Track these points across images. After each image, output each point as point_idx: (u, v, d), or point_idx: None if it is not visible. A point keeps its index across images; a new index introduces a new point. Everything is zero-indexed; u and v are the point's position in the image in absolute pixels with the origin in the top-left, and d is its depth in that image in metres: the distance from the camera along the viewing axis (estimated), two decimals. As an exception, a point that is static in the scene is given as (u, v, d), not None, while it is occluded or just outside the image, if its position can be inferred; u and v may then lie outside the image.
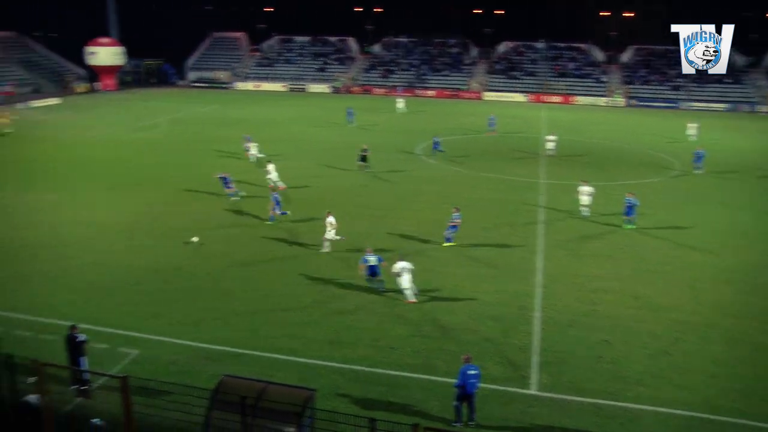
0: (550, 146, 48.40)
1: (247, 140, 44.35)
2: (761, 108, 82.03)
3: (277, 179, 35.85)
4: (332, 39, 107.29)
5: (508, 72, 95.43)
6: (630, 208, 30.84)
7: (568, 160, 47.30)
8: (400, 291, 22.61)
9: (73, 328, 16.41)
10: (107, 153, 47.91)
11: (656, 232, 30.80)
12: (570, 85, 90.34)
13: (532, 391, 17.21)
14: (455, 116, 71.22)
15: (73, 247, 27.26)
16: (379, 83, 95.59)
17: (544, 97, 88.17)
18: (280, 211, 30.73)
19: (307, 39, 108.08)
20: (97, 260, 25.80)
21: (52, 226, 30.10)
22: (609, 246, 28.95)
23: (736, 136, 62.15)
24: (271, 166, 36.41)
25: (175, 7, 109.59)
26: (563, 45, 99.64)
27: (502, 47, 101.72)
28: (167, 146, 50.67)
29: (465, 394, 15.42)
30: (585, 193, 32.68)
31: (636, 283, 24.67)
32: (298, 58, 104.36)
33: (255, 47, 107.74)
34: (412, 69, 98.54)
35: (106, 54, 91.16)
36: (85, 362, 16.15)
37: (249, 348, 18.99)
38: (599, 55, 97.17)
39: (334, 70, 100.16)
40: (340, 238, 27.27)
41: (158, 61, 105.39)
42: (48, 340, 18.64)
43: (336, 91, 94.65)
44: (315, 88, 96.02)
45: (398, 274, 22.47)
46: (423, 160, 46.59)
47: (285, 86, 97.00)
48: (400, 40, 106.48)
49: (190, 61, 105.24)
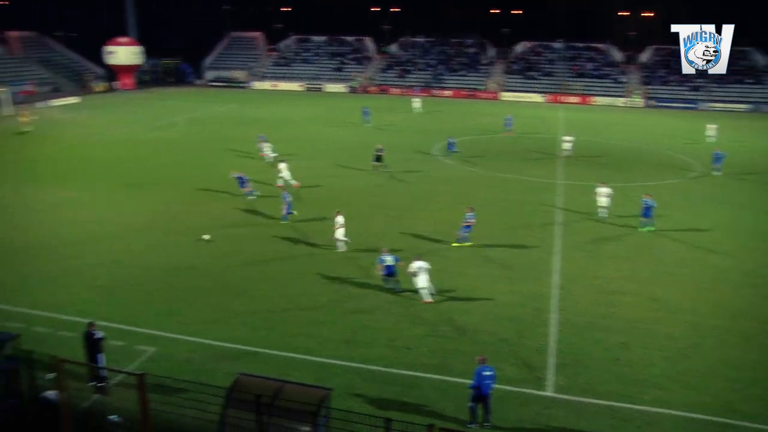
0: (567, 147, 48.13)
1: (262, 140, 44.50)
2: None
3: (289, 178, 36.03)
4: (349, 39, 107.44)
5: (526, 72, 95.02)
6: (647, 209, 30.56)
7: (586, 161, 46.99)
8: (416, 291, 22.60)
9: (90, 325, 16.56)
10: (125, 152, 48.29)
11: (674, 234, 30.51)
12: (588, 86, 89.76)
13: (548, 393, 17.11)
14: (472, 116, 71.01)
15: (91, 245, 27.50)
16: (396, 83, 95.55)
17: (562, 98, 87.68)
18: (287, 210, 30.88)
19: (324, 39, 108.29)
20: (115, 258, 26.01)
21: (70, 223, 30.40)
22: (627, 248, 28.73)
23: (757, 137, 61.41)
24: (283, 165, 36.63)
25: (192, 6, 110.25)
26: (581, 45, 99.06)
27: (520, 47, 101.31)
28: (185, 145, 50.98)
29: (480, 395, 15.37)
30: (603, 194, 32.47)
31: (654, 286, 24.46)
32: (315, 57, 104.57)
33: (272, 47, 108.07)
34: (429, 69, 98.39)
35: (124, 53, 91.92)
36: (102, 359, 16.29)
37: (265, 347, 19.05)
38: (618, 55, 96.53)
39: (350, 69, 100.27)
40: (346, 239, 27.30)
41: (176, 60, 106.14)
42: (66, 337, 18.84)
43: (353, 90, 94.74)
44: (332, 87, 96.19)
45: (415, 274, 22.45)
46: (439, 161, 46.51)
47: (302, 86, 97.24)
48: (417, 39, 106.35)
49: (208, 61, 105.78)
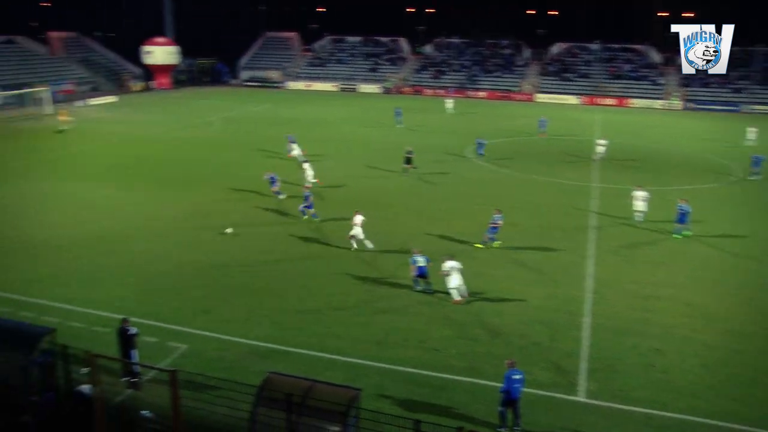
0: (600, 150, 47.45)
1: (290, 140, 44.83)
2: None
3: (312, 178, 36.45)
4: (384, 39, 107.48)
5: (561, 74, 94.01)
6: (682, 215, 29.82)
7: (622, 164, 46.29)
8: (447, 292, 22.52)
9: (125, 321, 16.82)
10: (161, 150, 49.02)
11: (711, 240, 29.86)
12: (625, 88, 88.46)
13: (580, 398, 16.89)
14: (506, 118, 70.50)
15: (126, 242, 27.93)
16: (430, 84, 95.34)
17: (598, 100, 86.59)
18: (303, 206, 31.05)
19: (358, 39, 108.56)
20: (149, 255, 26.39)
21: (106, 220, 30.90)
22: (662, 252, 28.22)
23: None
24: (307, 165, 37.15)
25: (228, 7, 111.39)
26: (618, 46, 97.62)
27: (556, 48, 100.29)
28: (219, 144, 51.47)
29: (509, 399, 15.23)
30: (640, 198, 31.92)
31: (690, 292, 24.00)
32: (350, 58, 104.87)
33: (307, 47, 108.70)
34: (464, 70, 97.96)
35: (161, 53, 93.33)
36: (135, 355, 16.52)
37: (295, 346, 19.13)
38: (656, 56, 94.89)
39: (385, 70, 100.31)
40: (368, 243, 27.22)
41: (212, 60, 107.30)
42: (101, 332, 19.16)
43: (387, 91, 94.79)
44: (366, 88, 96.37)
45: (447, 274, 22.41)
46: (471, 162, 46.24)
47: (336, 86, 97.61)
48: (452, 40, 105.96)
49: (243, 61, 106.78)
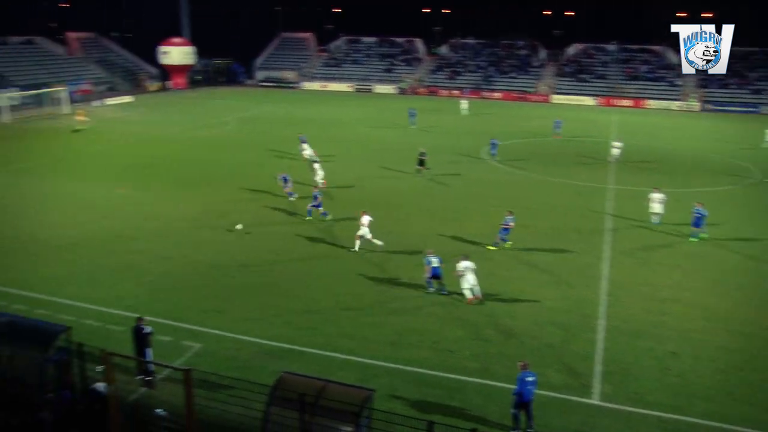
0: (615, 153, 47.09)
1: (302, 141, 44.97)
2: None
3: (321, 178, 36.72)
4: (399, 40, 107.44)
5: (578, 75, 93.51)
6: (698, 218, 29.45)
7: (638, 166, 45.94)
8: (460, 293, 22.50)
9: (139, 319, 16.93)
10: (176, 150, 49.33)
11: (728, 243, 29.54)
12: (642, 89, 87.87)
13: (594, 401, 16.79)
14: (521, 119, 70.24)
15: (142, 241, 28.13)
16: (446, 85, 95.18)
17: (614, 101, 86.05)
18: (311, 206, 31.30)
19: (374, 40, 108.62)
20: (164, 254, 26.56)
21: (122, 219, 31.12)
22: (679, 255, 27.97)
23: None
24: (317, 165, 37.49)
25: (244, 7, 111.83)
26: (635, 47, 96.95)
27: (572, 49, 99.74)
28: (234, 144, 51.70)
29: (522, 401, 15.18)
30: (656, 200, 31.66)
31: (706, 295, 23.78)
32: (365, 58, 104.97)
33: (322, 47, 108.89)
34: (479, 71, 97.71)
35: (177, 53, 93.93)
36: (150, 353, 16.63)
37: (309, 346, 19.17)
38: (674, 57, 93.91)
39: (400, 71, 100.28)
40: (376, 242, 27.20)
41: (227, 60, 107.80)
42: (115, 330, 19.34)
43: (402, 92, 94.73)
44: (381, 88, 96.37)
45: (462, 274, 22.39)
46: (486, 163, 46.10)
47: (351, 86, 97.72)
48: (468, 41, 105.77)
49: (259, 61, 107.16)
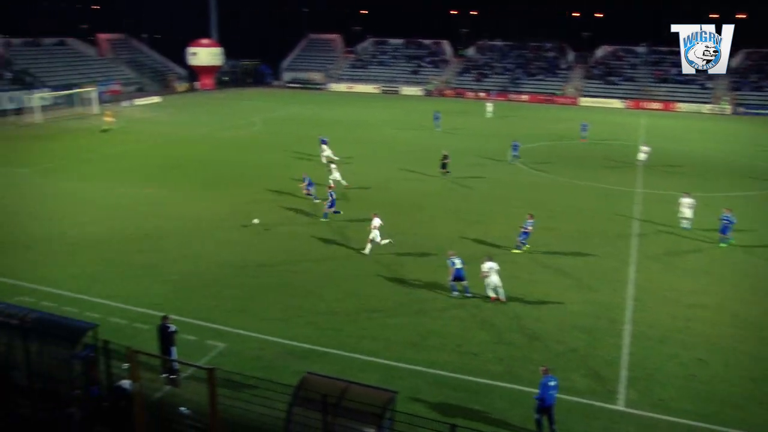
0: (642, 157, 46.51)
1: (322, 142, 45.13)
2: None
3: (339, 179, 37.14)
4: (426, 42, 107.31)
5: (606, 77, 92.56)
6: (726, 226, 28.93)
7: (667, 170, 45.35)
8: (485, 296, 22.45)
9: (165, 318, 17.15)
10: (203, 150, 49.79)
11: (759, 250, 29.04)
12: (671, 91, 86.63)
13: (619, 407, 16.63)
14: (548, 122, 69.66)
15: (167, 241, 28.46)
16: (473, 87, 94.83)
17: (643, 104, 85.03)
18: (329, 208, 31.69)
19: (401, 41, 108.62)
20: (189, 254, 26.84)
21: (148, 218, 31.48)
22: (707, 261, 27.55)
23: None
24: (334, 166, 38.01)
25: (272, 9, 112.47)
26: (666, 49, 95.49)
27: (601, 51, 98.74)
28: (260, 145, 52.08)
29: (544, 406, 15.10)
30: (686, 205, 31.18)
31: (735, 302, 23.40)
32: (392, 60, 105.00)
33: (349, 49, 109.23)
34: (507, 73, 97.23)
35: (205, 54, 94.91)
36: (174, 352, 16.82)
37: (332, 347, 19.26)
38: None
39: (427, 73, 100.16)
40: (384, 242, 27.18)
41: (255, 61, 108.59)
42: (141, 328, 19.60)
43: (428, 94, 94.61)
44: (407, 90, 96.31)
45: (487, 275, 22.38)
46: (512, 166, 45.77)
47: (377, 88, 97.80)
48: (495, 43, 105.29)
49: (286, 62, 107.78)
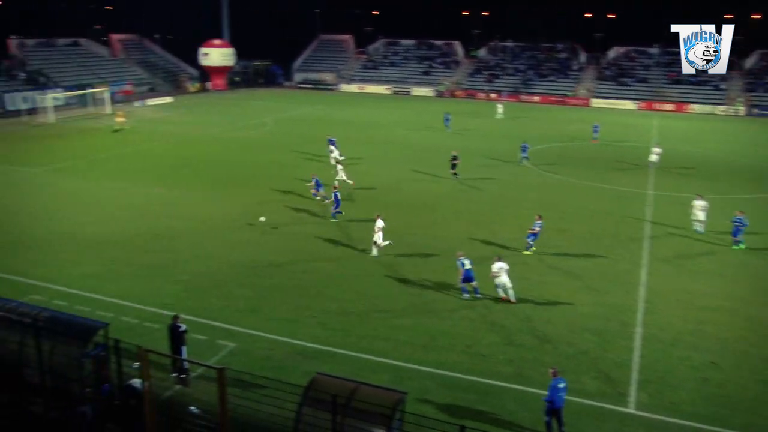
0: (654, 158, 46.21)
1: (330, 142, 45.15)
2: None
3: (345, 178, 37.33)
4: (438, 42, 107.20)
5: (618, 78, 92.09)
6: (738, 228, 28.74)
7: (679, 172, 45.09)
8: (495, 298, 22.39)
9: (176, 317, 17.19)
10: (213, 150, 49.92)
11: (774, 251, 28.87)
12: (684, 93, 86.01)
13: (629, 410, 16.53)
14: (559, 123, 69.37)
15: (178, 241, 28.55)
16: (484, 88, 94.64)
17: (656, 105, 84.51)
18: (334, 208, 31.79)
19: (412, 42, 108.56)
20: (200, 254, 26.91)
21: (158, 218, 31.61)
22: (720, 264, 27.34)
23: None
24: (340, 167, 38.19)
25: (284, 9, 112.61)
26: (679, 50, 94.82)
27: (613, 52, 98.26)
28: (271, 145, 52.15)
29: (553, 408, 15.04)
30: (699, 207, 30.87)
31: (749, 305, 23.19)
32: (403, 61, 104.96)
33: (361, 50, 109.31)
34: (518, 74, 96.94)
35: (217, 55, 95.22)
36: (185, 351, 16.86)
37: (342, 347, 19.27)
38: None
39: (438, 73, 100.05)
40: (385, 243, 27.09)
41: (266, 62, 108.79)
42: (151, 328, 19.67)
43: (439, 94, 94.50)
44: (419, 91, 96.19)
45: (497, 275, 22.35)
46: (522, 167, 45.60)
47: (389, 89, 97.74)
48: (507, 44, 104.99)
49: (297, 63, 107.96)
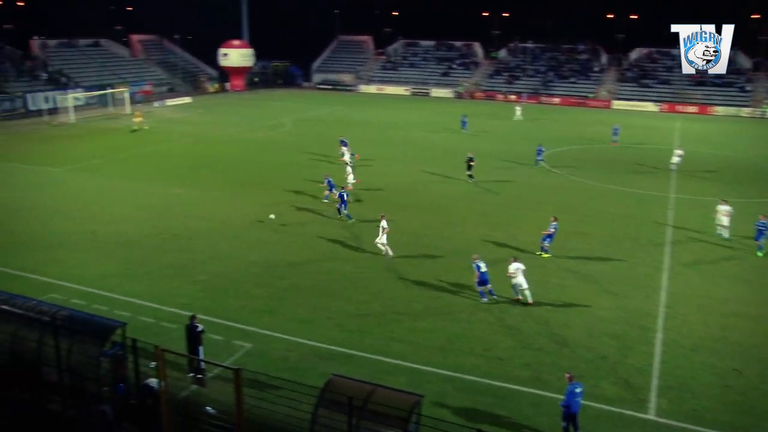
0: (675, 161, 45.57)
1: (342, 143, 45.09)
2: None
3: (352, 180, 37.39)
4: (457, 44, 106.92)
5: (640, 80, 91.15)
6: (760, 232, 28.21)
7: (702, 175, 44.48)
8: (512, 301, 22.20)
9: (193, 318, 17.20)
10: (232, 150, 50.11)
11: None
12: (708, 95, 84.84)
13: (650, 416, 16.27)
14: (579, 125, 68.76)
15: (195, 241, 28.63)
16: (504, 89, 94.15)
17: (679, 107, 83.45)
18: (344, 209, 31.80)
19: (432, 43, 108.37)
20: (218, 254, 26.98)
21: (176, 219, 31.74)
22: (744, 269, 26.85)
23: None
24: (349, 169, 38.31)
25: (303, 10, 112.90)
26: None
27: (635, 54, 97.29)
28: (290, 146, 52.17)
29: (570, 413, 14.86)
30: (723, 212, 30.21)
31: (773, 310, 22.79)
32: (423, 62, 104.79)
33: (380, 51, 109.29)
34: (538, 75, 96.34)
35: (236, 56, 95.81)
36: (201, 351, 16.86)
37: (359, 349, 19.18)
38: (745, 61, 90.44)
39: (458, 75, 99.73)
40: (385, 248, 26.95)
41: (285, 63, 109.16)
42: (168, 327, 19.72)
43: (459, 96, 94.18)
44: (438, 92, 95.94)
45: (513, 276, 22.23)
46: (541, 169, 45.26)
47: (408, 90, 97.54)
48: (527, 45, 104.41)
49: (316, 64, 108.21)
